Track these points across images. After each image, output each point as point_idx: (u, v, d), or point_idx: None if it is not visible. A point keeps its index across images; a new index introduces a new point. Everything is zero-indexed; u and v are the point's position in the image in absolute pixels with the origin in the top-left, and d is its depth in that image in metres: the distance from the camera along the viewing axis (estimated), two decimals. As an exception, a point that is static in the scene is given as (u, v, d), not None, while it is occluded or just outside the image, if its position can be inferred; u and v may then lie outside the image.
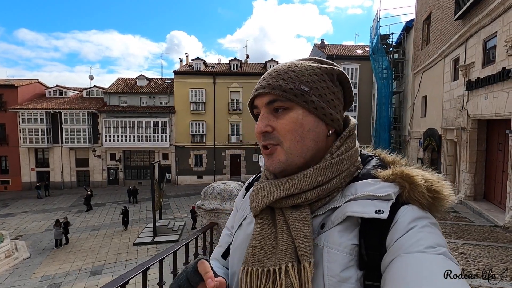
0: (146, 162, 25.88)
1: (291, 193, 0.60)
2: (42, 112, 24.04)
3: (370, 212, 0.53)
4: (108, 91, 26.17)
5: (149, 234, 14.05)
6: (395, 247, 0.50)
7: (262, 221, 0.63)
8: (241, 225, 0.72)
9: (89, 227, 15.82)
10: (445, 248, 0.49)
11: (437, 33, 11.94)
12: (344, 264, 0.52)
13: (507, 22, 6.84)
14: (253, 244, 0.60)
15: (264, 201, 0.62)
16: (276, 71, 0.64)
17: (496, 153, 8.31)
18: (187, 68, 26.77)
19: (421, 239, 0.49)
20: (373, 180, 0.59)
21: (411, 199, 0.55)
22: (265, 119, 0.62)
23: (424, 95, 13.65)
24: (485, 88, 7.80)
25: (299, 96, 0.61)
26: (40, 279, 10.44)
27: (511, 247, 4.92)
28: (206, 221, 2.12)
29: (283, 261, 0.55)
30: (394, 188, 0.56)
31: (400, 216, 0.53)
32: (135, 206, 19.96)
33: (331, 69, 0.66)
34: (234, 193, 2.10)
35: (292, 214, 0.60)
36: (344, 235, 0.55)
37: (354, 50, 28.94)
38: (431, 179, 0.57)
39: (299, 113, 0.61)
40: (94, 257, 12.16)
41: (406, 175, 0.57)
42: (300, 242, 0.55)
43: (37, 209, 19.27)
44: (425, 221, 0.53)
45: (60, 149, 25.01)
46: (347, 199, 0.58)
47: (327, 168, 0.61)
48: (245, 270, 0.58)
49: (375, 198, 0.55)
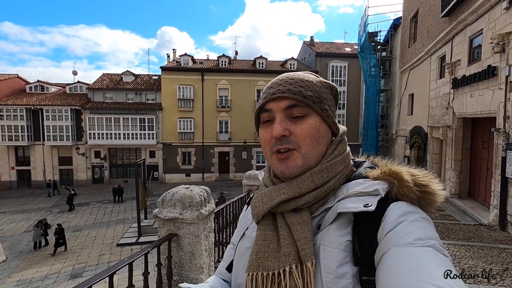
0: (133, 160, 25.25)
1: (291, 197, 0.63)
2: (22, 108, 23.10)
3: (358, 207, 0.55)
4: (92, 87, 25.37)
5: (133, 235, 13.65)
6: (385, 241, 0.51)
7: (264, 227, 0.65)
8: (244, 235, 0.74)
9: (71, 227, 15.26)
10: (435, 241, 0.50)
11: (424, 31, 11.93)
12: (339, 260, 0.54)
13: (493, 19, 6.79)
14: (256, 249, 0.62)
15: (266, 206, 0.65)
16: (291, 79, 0.67)
17: (480, 151, 8.33)
18: (174, 64, 26.20)
19: (411, 232, 0.50)
20: (364, 180, 0.62)
21: (401, 195, 0.57)
22: (283, 123, 0.64)
23: (411, 93, 13.68)
24: (470, 86, 7.78)
25: (317, 104, 0.65)
26: (16, 284, 9.95)
27: (495, 247, 4.86)
28: (164, 231, 1.88)
29: (286, 263, 0.57)
30: (383, 185, 0.58)
31: (390, 211, 0.54)
32: (120, 205, 19.48)
33: (330, 84, 0.72)
34: (196, 199, 1.86)
35: (293, 217, 0.62)
36: (338, 233, 0.56)
37: (343, 48, 28.95)
38: (418, 174, 0.59)
39: (316, 119, 0.65)
40: (74, 259, 11.70)
41: (393, 172, 0.59)
42: (301, 244, 0.57)
43: (16, 210, 18.52)
44: (415, 215, 0.54)
45: (41, 147, 24.13)
46: (339, 198, 0.60)
47: (323, 171, 0.64)
48: (250, 276, 0.59)
49: (364, 194, 0.57)
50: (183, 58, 26.08)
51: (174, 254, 1.87)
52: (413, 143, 12.69)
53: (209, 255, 2.04)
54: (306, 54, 29.42)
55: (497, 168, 6.45)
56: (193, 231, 1.83)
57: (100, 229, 15.00)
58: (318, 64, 26.34)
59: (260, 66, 26.52)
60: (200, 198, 1.85)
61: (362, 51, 17.49)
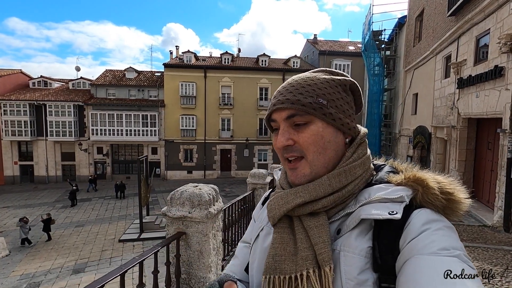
0: (135, 157, 25.31)
1: (307, 200, 0.62)
2: (25, 103, 23.16)
3: (383, 214, 0.53)
4: (95, 83, 25.39)
5: (135, 231, 13.71)
6: (407, 249, 0.50)
7: (281, 230, 0.64)
8: (258, 237, 0.73)
9: (74, 223, 15.36)
10: (460, 251, 0.48)
11: (429, 30, 11.83)
12: (360, 267, 0.53)
13: (501, 19, 6.71)
14: (273, 253, 0.61)
15: (282, 209, 0.64)
16: (292, 86, 0.65)
17: (485, 152, 8.28)
18: (177, 61, 26.17)
19: (435, 241, 0.49)
20: (386, 185, 0.60)
21: (425, 202, 0.55)
22: (286, 133, 0.64)
23: (415, 93, 13.60)
24: (476, 86, 7.72)
25: (318, 110, 0.62)
26: (19, 278, 10.03)
27: (500, 249, 4.84)
28: (173, 230, 1.87)
29: (304, 267, 0.56)
30: (407, 191, 0.56)
31: (413, 219, 0.53)
32: (122, 201, 19.56)
33: (343, 80, 0.67)
34: (204, 198, 1.85)
35: (310, 221, 0.61)
36: (359, 239, 0.55)
37: (347, 47, 28.79)
38: (444, 181, 0.57)
39: (319, 125, 0.63)
40: (77, 254, 11.77)
41: (418, 178, 0.57)
42: (319, 248, 0.56)
43: (19, 204, 18.64)
44: (439, 224, 0.52)
45: (44, 142, 24.22)
46: (361, 204, 0.58)
47: (341, 174, 0.62)
48: (267, 279, 0.59)
49: (388, 200, 0.55)
50: (186, 55, 26.03)
51: (183, 253, 1.87)
52: (416, 143, 12.63)
53: (216, 254, 2.04)
54: (310, 52, 29.28)
55: (502, 169, 6.40)
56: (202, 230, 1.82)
57: (102, 224, 15.08)
58: (321, 62, 26.22)
59: (263, 63, 26.42)
60: (208, 196, 1.84)
61: (366, 50, 17.39)
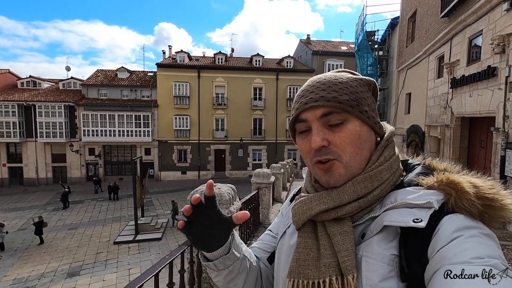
0: (128, 158, 25.02)
1: (331, 207, 0.60)
2: (13, 104, 22.63)
3: (407, 221, 0.50)
4: (86, 83, 24.98)
5: (130, 233, 13.55)
6: (437, 258, 0.47)
7: (304, 234, 0.64)
8: (285, 234, 0.73)
9: (66, 225, 15.08)
10: (498, 260, 0.43)
11: (422, 30, 12.05)
12: (382, 274, 0.51)
13: (493, 20, 6.90)
14: (297, 257, 0.61)
15: (306, 215, 0.64)
16: (323, 83, 0.63)
17: (478, 150, 8.48)
18: (170, 61, 25.96)
19: (468, 250, 0.45)
20: (415, 188, 0.57)
21: (459, 208, 0.50)
22: (321, 132, 0.61)
23: (408, 92, 13.83)
24: (469, 85, 7.91)
25: (355, 107, 0.61)
26: (11, 282, 9.79)
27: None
28: (193, 229, 1.87)
29: (327, 274, 0.56)
30: (438, 195, 0.52)
31: (443, 225, 0.49)
32: (116, 203, 19.29)
33: (369, 80, 0.67)
34: (225, 197, 1.86)
35: (334, 227, 0.60)
36: (382, 245, 0.53)
37: (339, 47, 29.08)
38: (482, 186, 0.52)
39: (356, 124, 0.61)
40: (71, 257, 11.57)
41: (451, 181, 0.53)
42: (342, 256, 0.55)
43: (8, 208, 18.19)
44: (474, 230, 0.47)
45: (34, 144, 23.70)
46: (386, 208, 0.56)
47: (367, 180, 0.60)
48: (292, 282, 0.59)
49: (414, 206, 0.52)
50: (179, 55, 25.86)
51: (204, 252, 1.86)
52: (410, 141, 12.85)
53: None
54: (303, 52, 29.46)
55: (496, 166, 6.58)
56: (223, 229, 1.82)
57: (96, 227, 14.85)
58: (315, 63, 26.42)
59: (257, 63, 26.45)
60: (228, 196, 1.85)
61: (359, 50, 17.59)
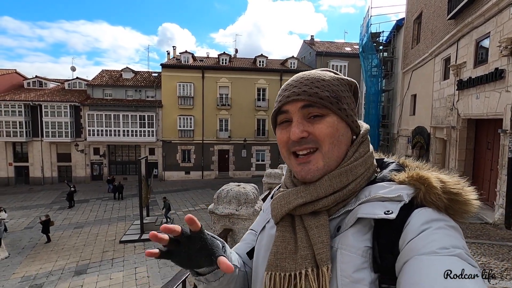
0: (132, 157, 25.18)
1: (308, 201, 0.62)
2: (20, 104, 22.84)
3: (379, 213, 0.53)
4: (91, 83, 25.16)
5: (135, 232, 13.66)
6: (407, 249, 0.50)
7: (282, 228, 0.65)
8: (264, 228, 0.75)
9: (72, 224, 15.21)
10: (461, 250, 0.47)
11: (427, 32, 12.07)
12: (356, 266, 0.53)
13: (501, 23, 6.93)
14: (275, 250, 0.63)
15: (284, 209, 0.65)
16: (306, 79, 0.65)
17: (484, 152, 8.50)
18: (174, 62, 26.11)
19: (434, 241, 0.48)
20: (388, 183, 0.60)
21: (427, 202, 0.54)
22: (300, 124, 0.63)
23: (413, 94, 13.85)
24: (476, 87, 7.93)
25: (334, 104, 0.63)
26: (20, 280, 9.92)
27: (505, 245, 5.01)
28: (219, 227, 1.94)
29: (303, 266, 0.57)
30: (408, 190, 0.56)
31: (413, 218, 0.52)
32: (121, 202, 19.41)
33: (350, 81, 0.70)
34: (250, 196, 1.93)
35: (311, 221, 0.61)
36: (357, 238, 0.55)
37: (343, 48, 29.10)
38: (449, 181, 0.56)
39: (334, 119, 0.63)
40: (78, 255, 11.68)
41: (421, 177, 0.56)
42: (318, 248, 0.57)
43: (15, 206, 18.36)
44: (441, 223, 0.51)
45: (40, 143, 23.90)
46: (360, 201, 0.58)
47: (342, 174, 0.62)
48: (269, 275, 0.61)
49: (386, 199, 0.55)
50: (184, 56, 25.99)
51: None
52: (415, 143, 12.87)
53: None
54: (306, 53, 29.51)
55: (503, 168, 6.61)
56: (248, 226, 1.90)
57: (101, 226, 14.96)
58: (318, 63, 26.44)
59: (261, 64, 26.52)
60: (253, 195, 1.92)
61: (363, 51, 17.62)
